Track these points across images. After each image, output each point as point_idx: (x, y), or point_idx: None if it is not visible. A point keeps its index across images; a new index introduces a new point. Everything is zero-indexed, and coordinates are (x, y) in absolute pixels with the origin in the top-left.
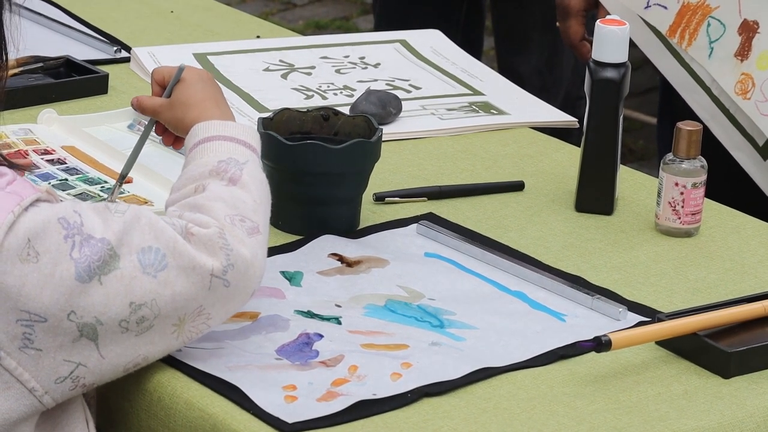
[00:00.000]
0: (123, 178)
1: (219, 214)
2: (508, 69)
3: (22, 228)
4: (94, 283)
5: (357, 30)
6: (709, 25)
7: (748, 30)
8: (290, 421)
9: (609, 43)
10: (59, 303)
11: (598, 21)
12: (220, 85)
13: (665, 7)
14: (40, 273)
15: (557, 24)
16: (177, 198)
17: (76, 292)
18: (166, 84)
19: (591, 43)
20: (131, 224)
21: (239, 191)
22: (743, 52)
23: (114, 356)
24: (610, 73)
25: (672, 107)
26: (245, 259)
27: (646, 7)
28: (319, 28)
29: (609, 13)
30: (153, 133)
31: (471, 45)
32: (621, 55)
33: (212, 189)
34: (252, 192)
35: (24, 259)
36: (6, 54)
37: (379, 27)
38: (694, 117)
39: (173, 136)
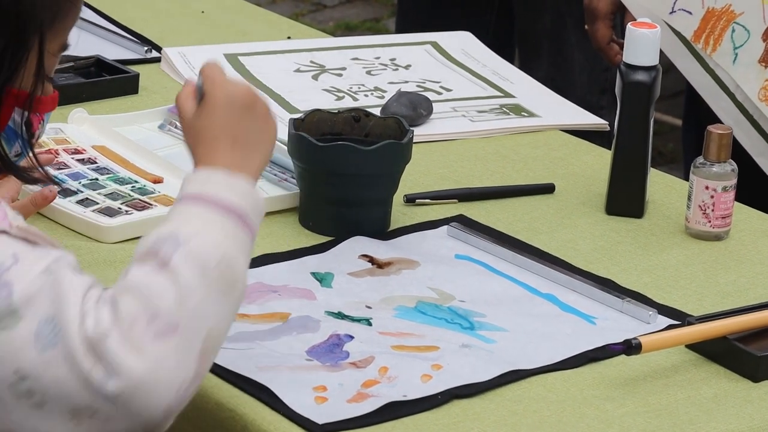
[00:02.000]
0: None
1: (122, 310)
2: (524, 73)
3: None
4: None
5: (387, 31)
6: (733, 31)
7: None
8: (320, 422)
9: (640, 46)
10: None
11: (629, 24)
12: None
13: (690, 13)
14: None
15: (585, 27)
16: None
17: None
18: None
19: (619, 45)
20: (49, 287)
21: (162, 279)
22: None
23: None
24: (641, 76)
25: (697, 112)
26: (134, 372)
27: (671, 12)
28: (349, 30)
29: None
30: (181, 132)
31: (502, 48)
32: (652, 58)
33: (132, 275)
34: (180, 281)
35: None
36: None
37: (402, 28)
38: (719, 122)
39: None
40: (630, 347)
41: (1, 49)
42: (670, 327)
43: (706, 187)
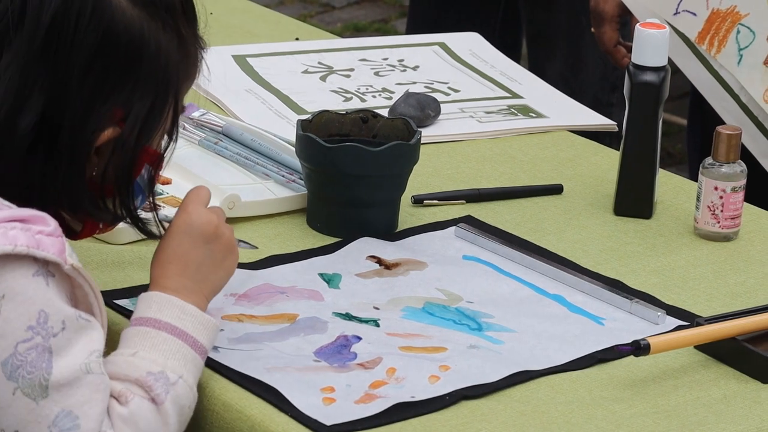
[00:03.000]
0: None
1: None
2: (535, 73)
3: (8, 277)
4: (10, 385)
5: (395, 32)
6: (738, 32)
7: None
8: (328, 423)
9: (648, 47)
10: None
11: (637, 24)
12: (259, 87)
13: (694, 14)
14: None
15: (592, 29)
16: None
17: None
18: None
19: (626, 47)
20: (82, 385)
21: (156, 421)
22: None
23: None
24: (649, 77)
25: (702, 112)
26: None
27: (674, 14)
28: (357, 31)
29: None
30: (189, 133)
31: (508, 48)
32: (660, 59)
33: (134, 406)
34: (168, 422)
35: None
36: None
37: (412, 29)
38: (724, 123)
39: None
40: (639, 348)
41: (149, 106)
42: (678, 328)
43: (715, 188)
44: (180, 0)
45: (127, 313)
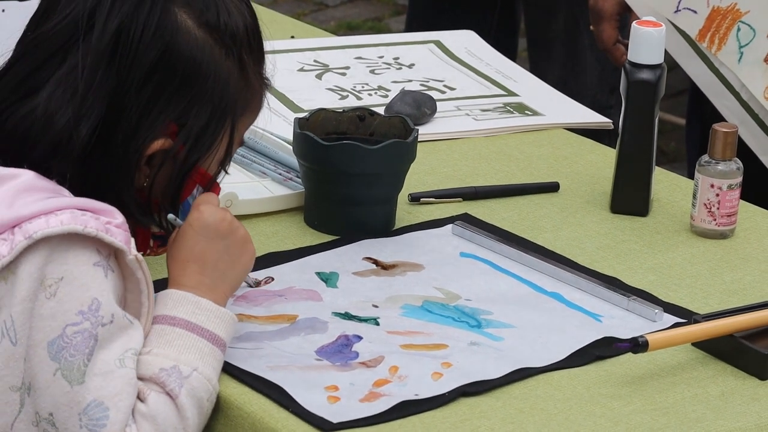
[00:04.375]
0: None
1: None
2: (535, 75)
3: (71, 261)
4: (52, 366)
5: (389, 30)
6: (738, 29)
7: None
8: (334, 421)
9: (645, 45)
10: (27, 341)
11: (634, 22)
12: None
13: (695, 12)
14: (39, 306)
15: (591, 28)
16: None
17: (38, 351)
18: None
19: (624, 46)
20: (115, 378)
21: (174, 415)
22: None
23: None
24: (646, 75)
25: (701, 110)
26: None
27: (675, 12)
28: (351, 29)
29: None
30: None
31: (504, 48)
32: (657, 57)
33: (151, 401)
34: (186, 416)
35: (44, 285)
36: None
37: (410, 29)
38: (723, 120)
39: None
40: (637, 345)
41: (203, 125)
42: (676, 325)
43: (712, 186)
44: (246, 32)
45: None
